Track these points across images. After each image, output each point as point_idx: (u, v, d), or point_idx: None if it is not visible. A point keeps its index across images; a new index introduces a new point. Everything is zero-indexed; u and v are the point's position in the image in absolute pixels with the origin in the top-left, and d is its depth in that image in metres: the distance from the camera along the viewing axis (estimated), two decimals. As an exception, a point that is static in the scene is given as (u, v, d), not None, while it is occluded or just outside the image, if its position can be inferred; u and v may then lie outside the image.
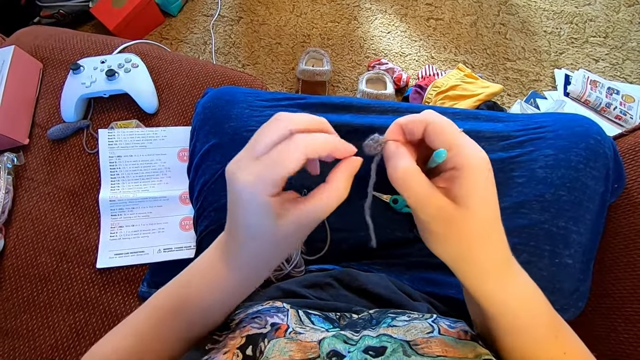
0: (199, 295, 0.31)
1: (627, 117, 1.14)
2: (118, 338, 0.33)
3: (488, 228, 0.26)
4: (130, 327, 0.33)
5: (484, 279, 0.27)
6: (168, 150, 0.67)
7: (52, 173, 0.66)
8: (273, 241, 0.27)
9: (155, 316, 0.32)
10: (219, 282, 0.30)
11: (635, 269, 0.49)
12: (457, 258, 0.27)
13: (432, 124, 0.26)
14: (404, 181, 0.25)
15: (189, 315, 0.31)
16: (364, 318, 0.40)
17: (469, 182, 0.25)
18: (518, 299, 0.28)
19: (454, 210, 0.25)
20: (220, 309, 0.33)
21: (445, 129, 0.26)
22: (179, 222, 0.64)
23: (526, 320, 0.29)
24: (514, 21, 1.37)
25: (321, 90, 1.24)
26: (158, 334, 0.32)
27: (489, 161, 0.26)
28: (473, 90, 1.14)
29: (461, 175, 0.25)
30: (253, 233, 0.27)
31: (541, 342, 0.30)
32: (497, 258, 0.27)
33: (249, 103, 0.57)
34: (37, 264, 0.61)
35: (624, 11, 1.36)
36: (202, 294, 0.31)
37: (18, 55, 0.68)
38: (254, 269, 0.30)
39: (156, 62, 0.73)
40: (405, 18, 1.39)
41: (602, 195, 0.48)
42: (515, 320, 0.29)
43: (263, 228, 0.26)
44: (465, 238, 0.25)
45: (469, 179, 0.25)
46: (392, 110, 0.56)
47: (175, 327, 0.32)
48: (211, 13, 1.42)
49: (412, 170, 0.25)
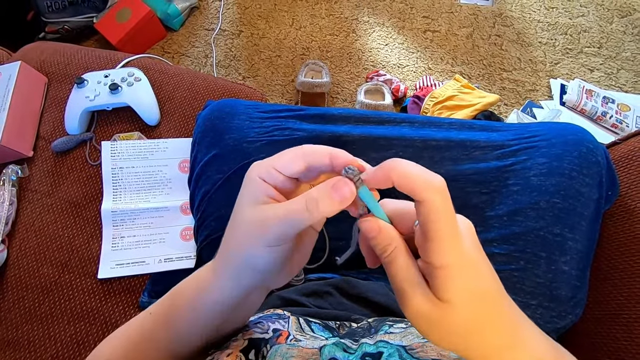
0: (189, 305, 0.30)
1: (623, 126, 1.15)
2: (116, 341, 0.33)
3: (481, 318, 0.23)
4: (126, 330, 0.33)
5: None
6: (169, 162, 0.68)
7: (55, 185, 0.67)
8: (244, 227, 0.25)
9: (148, 322, 0.32)
10: (206, 291, 0.29)
11: (631, 275, 0.50)
12: (452, 349, 0.24)
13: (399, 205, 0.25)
14: (389, 266, 0.24)
15: (179, 325, 0.30)
16: (363, 327, 0.41)
17: (448, 281, 0.22)
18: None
19: (434, 311, 0.22)
20: (209, 323, 0.30)
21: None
22: (179, 232, 0.65)
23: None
24: (509, 33, 1.39)
25: (320, 101, 1.26)
26: (150, 342, 0.31)
27: (472, 229, 0.24)
28: (470, 101, 1.16)
29: (438, 275, 0.22)
30: (234, 216, 0.26)
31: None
32: (497, 343, 0.23)
33: (249, 115, 0.59)
34: (39, 274, 0.61)
35: (617, 22, 1.39)
36: (191, 303, 0.30)
37: (24, 71, 0.70)
38: (237, 271, 0.27)
39: (158, 75, 0.75)
40: (402, 30, 1.42)
41: (597, 202, 0.49)
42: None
43: (241, 206, 0.25)
44: (454, 334, 0.23)
45: (447, 278, 0.22)
46: (389, 121, 0.57)
47: (165, 337, 0.31)
48: (212, 27, 1.45)
49: (401, 260, 0.24)
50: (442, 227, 0.21)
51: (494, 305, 0.24)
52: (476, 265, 0.23)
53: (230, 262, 0.27)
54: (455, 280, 0.22)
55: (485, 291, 0.23)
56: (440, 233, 0.21)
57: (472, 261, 0.22)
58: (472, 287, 0.22)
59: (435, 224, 0.21)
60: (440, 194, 0.21)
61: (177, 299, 0.31)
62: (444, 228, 0.21)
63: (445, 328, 0.23)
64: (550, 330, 0.46)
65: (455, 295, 0.22)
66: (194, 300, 0.29)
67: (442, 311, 0.22)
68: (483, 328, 0.23)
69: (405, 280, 0.23)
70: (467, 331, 0.23)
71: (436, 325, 0.23)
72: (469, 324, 0.23)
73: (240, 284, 0.27)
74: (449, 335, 0.23)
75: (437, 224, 0.21)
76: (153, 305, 0.32)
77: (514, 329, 0.24)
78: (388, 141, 0.54)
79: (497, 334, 0.23)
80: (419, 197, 0.22)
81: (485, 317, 0.23)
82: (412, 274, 0.23)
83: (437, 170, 0.22)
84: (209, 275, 0.29)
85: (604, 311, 0.51)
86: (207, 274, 0.29)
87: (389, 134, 0.55)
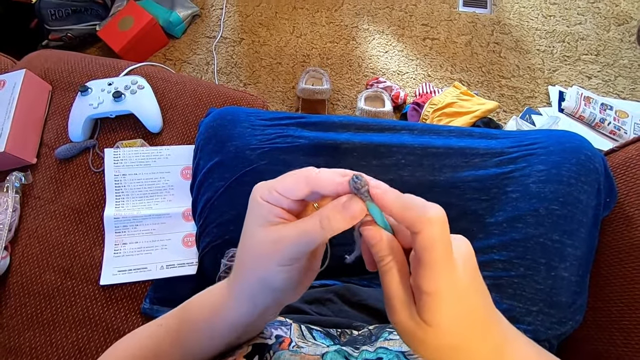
0: (204, 324, 0.30)
1: (622, 132, 1.16)
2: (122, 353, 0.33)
3: (466, 340, 0.24)
4: (137, 342, 0.33)
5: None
6: (172, 169, 0.69)
7: (58, 191, 0.67)
8: (255, 249, 0.26)
9: (159, 334, 0.32)
10: (222, 311, 0.29)
11: (630, 282, 0.50)
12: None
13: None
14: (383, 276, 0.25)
15: (191, 341, 0.31)
16: (364, 334, 0.41)
17: (433, 307, 0.22)
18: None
19: (418, 331, 0.23)
20: (223, 342, 0.31)
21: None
22: (181, 238, 0.65)
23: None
24: (507, 40, 1.41)
25: (321, 108, 1.27)
26: (159, 356, 0.32)
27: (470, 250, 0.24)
28: (469, 107, 1.17)
29: (425, 301, 0.22)
30: (245, 239, 0.27)
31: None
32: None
33: (250, 122, 0.60)
34: (41, 281, 0.61)
35: (614, 30, 1.41)
36: (206, 322, 0.30)
37: (29, 78, 0.70)
38: (253, 291, 0.27)
39: (161, 83, 0.76)
40: (402, 38, 1.44)
41: (595, 209, 0.49)
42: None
43: (251, 231, 0.26)
44: (438, 352, 0.24)
45: (433, 305, 0.22)
46: (389, 128, 0.58)
47: (176, 351, 0.31)
48: (214, 35, 1.46)
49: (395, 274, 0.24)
50: (434, 256, 0.22)
51: (481, 328, 0.24)
52: (466, 293, 0.23)
53: (246, 284, 0.27)
54: (440, 307, 0.22)
55: (471, 316, 0.24)
56: (432, 262, 0.22)
57: (461, 290, 0.23)
58: (457, 314, 0.23)
59: (429, 252, 0.22)
60: (434, 225, 0.22)
61: (191, 315, 0.31)
62: (436, 257, 0.22)
63: (429, 346, 0.23)
64: (551, 336, 0.47)
65: (440, 320, 0.22)
66: (208, 321, 0.30)
67: (425, 333, 0.23)
68: (468, 349, 0.24)
69: (395, 297, 0.24)
70: (452, 350, 0.24)
71: (420, 343, 0.24)
72: (452, 345, 0.23)
73: (255, 304, 0.28)
74: (434, 352, 0.24)
75: (431, 253, 0.22)
76: (162, 317, 0.33)
77: (500, 348, 0.25)
78: (388, 149, 0.55)
79: (482, 354, 0.24)
80: (413, 229, 0.22)
81: (470, 339, 0.24)
82: (402, 292, 0.24)
83: (437, 177, 0.23)
84: (224, 296, 0.29)
85: (603, 318, 0.52)
86: (221, 293, 0.30)
87: (389, 141, 0.56)
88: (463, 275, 0.23)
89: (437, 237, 0.22)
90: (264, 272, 0.26)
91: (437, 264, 0.22)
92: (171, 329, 0.32)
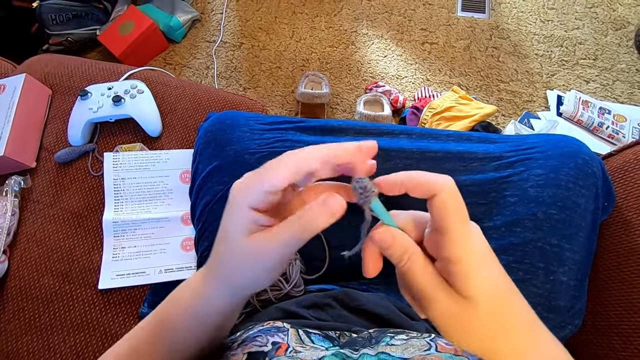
0: (176, 314, 0.31)
1: (620, 136, 1.16)
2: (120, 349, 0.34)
3: (502, 318, 0.24)
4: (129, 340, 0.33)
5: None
6: (171, 173, 0.69)
7: (57, 195, 0.67)
8: (241, 257, 0.26)
9: (139, 335, 0.32)
10: (192, 298, 0.30)
11: (629, 286, 0.50)
12: (475, 348, 0.24)
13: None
14: (408, 272, 0.24)
15: (167, 336, 0.31)
16: (364, 337, 0.41)
17: (466, 275, 0.23)
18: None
19: (459, 310, 0.23)
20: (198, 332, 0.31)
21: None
22: (180, 242, 0.65)
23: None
24: (505, 45, 1.41)
25: (320, 112, 1.27)
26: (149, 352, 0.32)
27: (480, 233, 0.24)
28: (468, 112, 1.17)
29: (456, 271, 0.23)
30: (227, 243, 0.27)
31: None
32: (517, 345, 0.24)
33: (250, 127, 0.60)
34: (40, 285, 0.61)
35: (611, 35, 1.41)
36: (179, 310, 0.30)
37: (29, 83, 0.71)
38: (225, 284, 0.28)
39: (161, 87, 0.76)
40: (401, 42, 1.44)
41: (593, 213, 0.49)
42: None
43: (233, 236, 0.26)
44: (477, 333, 0.24)
45: (465, 273, 0.23)
46: (388, 132, 0.58)
47: (155, 350, 0.31)
48: (214, 39, 1.47)
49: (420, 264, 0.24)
50: (455, 219, 0.23)
51: (512, 303, 0.25)
52: (489, 257, 0.24)
53: (228, 287, 0.28)
54: (472, 273, 0.23)
55: (501, 287, 0.24)
56: (454, 225, 0.23)
57: (486, 255, 0.24)
58: (489, 281, 0.23)
59: (449, 216, 0.23)
60: (448, 187, 0.23)
61: (168, 311, 0.32)
62: (457, 220, 0.23)
63: (469, 326, 0.23)
64: (550, 341, 0.47)
65: (476, 290, 0.23)
66: (187, 314, 0.30)
67: (466, 309, 0.23)
68: (504, 327, 0.24)
69: (427, 282, 0.24)
70: (494, 320, 0.23)
71: (461, 323, 0.23)
72: (490, 322, 0.23)
73: (236, 296, 0.29)
74: (477, 330, 0.24)
75: (451, 217, 0.23)
76: (148, 316, 0.33)
77: (531, 330, 0.25)
78: (386, 153, 0.55)
79: (516, 334, 0.24)
80: (432, 191, 0.23)
81: (504, 316, 0.24)
82: (432, 277, 0.24)
83: None
84: (203, 290, 0.30)
85: (602, 322, 0.52)
86: (199, 287, 0.30)
87: (387, 145, 0.56)
88: (482, 240, 0.24)
89: (453, 198, 0.23)
90: (251, 277, 0.26)
91: (458, 226, 0.23)
92: (152, 325, 0.32)
